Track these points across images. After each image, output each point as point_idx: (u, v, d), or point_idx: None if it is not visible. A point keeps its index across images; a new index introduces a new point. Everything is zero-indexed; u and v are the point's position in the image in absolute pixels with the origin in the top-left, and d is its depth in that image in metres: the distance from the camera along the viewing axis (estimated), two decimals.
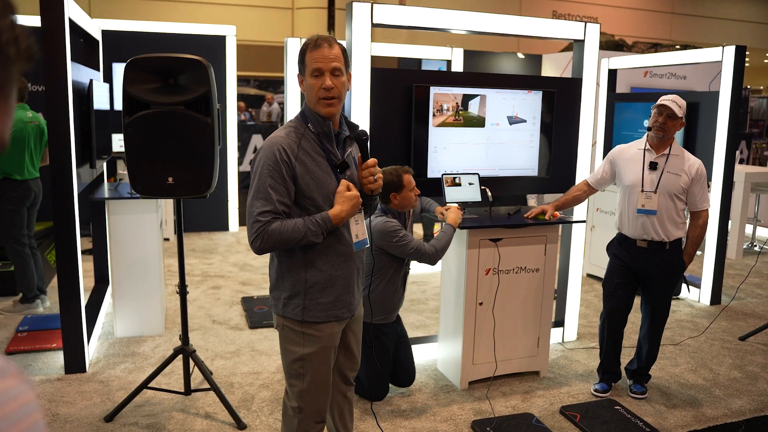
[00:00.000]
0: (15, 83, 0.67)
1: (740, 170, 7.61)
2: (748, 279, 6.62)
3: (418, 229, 8.36)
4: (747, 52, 5.86)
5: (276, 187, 2.23)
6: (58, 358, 4.23)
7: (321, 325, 2.39)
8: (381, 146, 3.91)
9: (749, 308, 5.87)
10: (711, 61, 5.92)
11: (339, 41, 2.42)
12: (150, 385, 3.65)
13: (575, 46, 4.60)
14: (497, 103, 4.13)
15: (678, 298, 6.10)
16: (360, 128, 2.44)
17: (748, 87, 12.83)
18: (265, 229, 2.22)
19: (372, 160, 2.39)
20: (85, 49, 5.57)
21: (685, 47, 11.69)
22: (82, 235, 4.21)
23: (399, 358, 3.85)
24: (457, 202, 3.87)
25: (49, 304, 5.31)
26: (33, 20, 4.40)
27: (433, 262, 3.59)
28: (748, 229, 8.62)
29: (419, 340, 4.47)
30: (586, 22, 4.54)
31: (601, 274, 4.28)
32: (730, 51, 5.64)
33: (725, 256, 6.06)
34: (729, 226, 6.26)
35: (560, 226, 4.64)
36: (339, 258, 2.39)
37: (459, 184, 3.92)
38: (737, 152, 9.63)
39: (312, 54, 2.26)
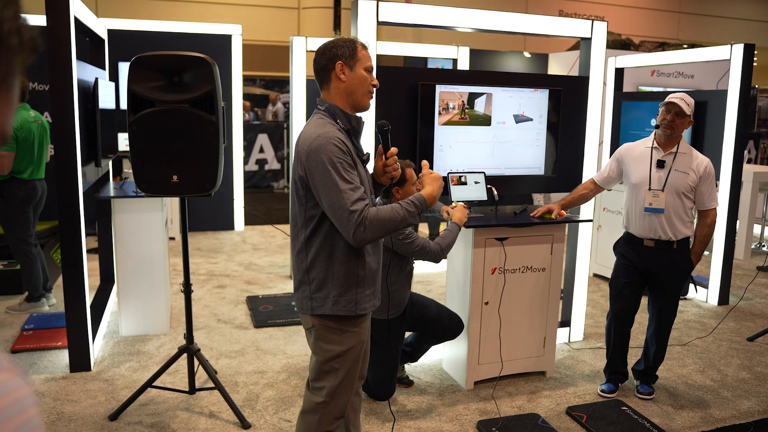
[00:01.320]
0: (18, 75, 0.66)
1: (748, 170, 7.56)
2: (756, 279, 6.58)
3: (423, 228, 8.35)
4: (755, 51, 5.81)
5: (354, 176, 2.27)
6: (63, 357, 4.23)
7: (359, 319, 2.43)
8: (376, 140, 3.88)
9: (757, 309, 5.83)
10: (719, 59, 5.88)
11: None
12: (154, 383, 3.64)
13: (582, 45, 4.58)
14: (503, 101, 4.11)
15: (686, 299, 6.06)
16: (382, 120, 2.52)
17: (757, 86, 12.76)
18: (365, 217, 2.21)
19: (394, 149, 2.49)
20: (91, 48, 5.57)
21: (692, 46, 11.64)
22: (87, 234, 4.21)
23: (428, 320, 3.81)
24: (462, 201, 3.85)
25: (55, 302, 5.32)
26: (39, 19, 4.41)
27: (437, 260, 3.57)
28: (757, 229, 8.57)
29: None
30: (593, 20, 4.51)
31: (608, 273, 4.25)
32: (738, 50, 5.60)
33: (733, 256, 6.01)
34: (737, 226, 6.22)
35: (567, 225, 4.62)
36: (377, 249, 2.48)
37: (465, 183, 3.90)
38: (745, 152, 9.58)
39: (365, 52, 2.43)
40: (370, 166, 2.65)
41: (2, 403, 0.54)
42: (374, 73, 2.46)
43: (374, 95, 2.53)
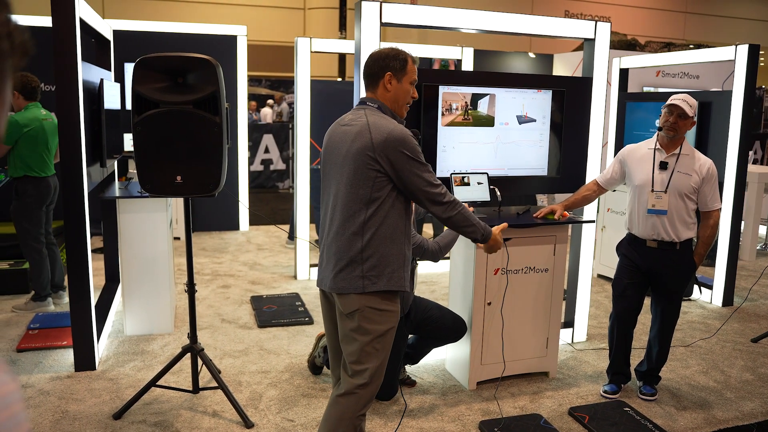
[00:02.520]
0: (9, 78, 0.67)
1: (753, 171, 7.54)
2: (760, 280, 6.56)
3: (428, 229, 8.36)
4: (761, 52, 5.80)
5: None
6: (68, 356, 4.25)
7: (398, 298, 2.62)
8: None
9: (762, 310, 5.82)
10: (724, 60, 5.87)
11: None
12: (158, 383, 3.66)
13: (586, 46, 4.58)
14: (506, 102, 4.12)
15: (690, 300, 6.05)
16: (412, 128, 2.83)
17: (762, 87, 12.71)
18: (458, 201, 2.61)
19: None
20: (97, 49, 5.60)
21: (699, 46, 11.60)
22: (92, 234, 4.23)
23: (431, 323, 3.81)
24: (465, 202, 3.85)
25: (67, 300, 5.34)
26: (44, 20, 4.43)
27: (435, 259, 3.60)
28: (762, 230, 8.55)
29: None
30: (596, 21, 4.51)
31: (612, 274, 4.25)
32: (743, 50, 5.59)
33: (738, 258, 6.00)
34: (742, 227, 6.20)
35: (570, 226, 4.62)
36: (410, 238, 2.70)
37: (468, 184, 3.90)
38: (750, 152, 9.54)
39: (414, 67, 2.68)
40: None
41: None
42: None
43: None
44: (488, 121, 4.09)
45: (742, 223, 6.21)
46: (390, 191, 2.51)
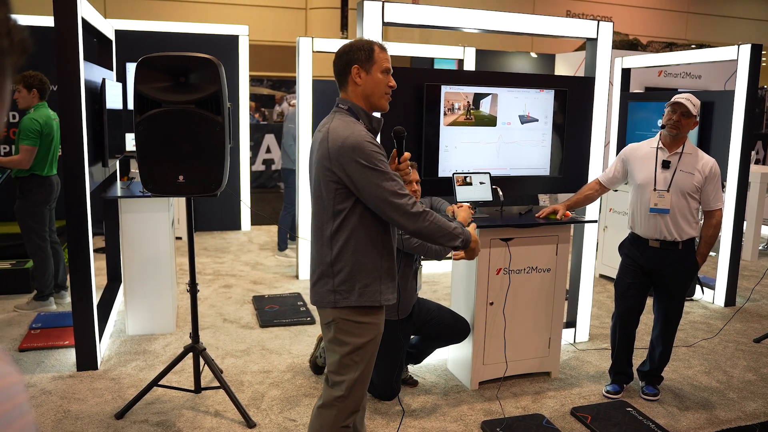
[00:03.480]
0: (9, 76, 0.67)
1: (756, 170, 7.53)
2: (763, 280, 6.54)
3: None
4: (763, 51, 5.79)
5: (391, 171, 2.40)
6: (70, 356, 4.25)
7: (379, 311, 2.50)
8: (385, 144, 3.89)
9: (764, 310, 5.81)
10: (726, 60, 5.86)
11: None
12: (160, 382, 3.66)
13: (588, 45, 4.57)
14: (509, 102, 4.11)
15: (692, 300, 6.04)
16: (398, 126, 2.62)
17: (765, 86, 12.70)
18: (426, 210, 2.40)
19: (407, 154, 2.63)
20: (99, 48, 5.60)
21: (701, 46, 11.59)
22: (94, 234, 4.23)
23: (434, 324, 3.81)
24: (467, 202, 3.85)
25: (69, 300, 5.35)
26: (46, 20, 4.44)
27: (438, 258, 3.60)
28: (764, 230, 8.53)
29: None
30: (598, 21, 4.51)
31: (614, 274, 4.25)
32: (745, 50, 5.58)
33: (740, 258, 5.99)
34: (744, 227, 6.19)
35: (572, 226, 4.61)
36: (393, 247, 2.56)
37: (470, 184, 3.90)
38: (753, 152, 9.53)
39: (383, 54, 2.48)
40: None
41: None
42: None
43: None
44: (490, 121, 4.09)
45: (744, 223, 6.19)
46: (355, 203, 2.37)
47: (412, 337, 3.95)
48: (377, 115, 2.61)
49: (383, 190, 2.32)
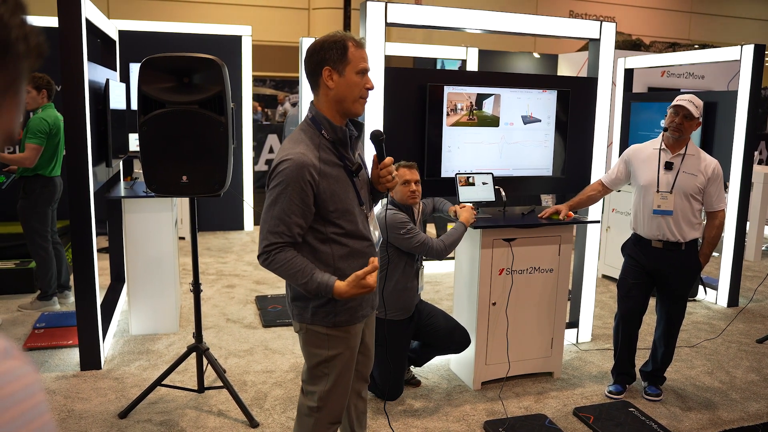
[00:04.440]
0: (25, 80, 0.68)
1: (759, 171, 7.52)
2: (766, 281, 6.54)
3: (431, 229, 8.35)
4: (766, 52, 5.79)
5: (297, 211, 2.18)
6: (74, 355, 4.27)
7: (348, 327, 2.36)
8: (395, 146, 3.90)
9: (767, 311, 5.80)
10: (729, 60, 5.86)
11: None
12: (164, 382, 3.68)
13: (591, 46, 4.57)
14: (511, 102, 4.12)
15: (695, 300, 6.04)
16: (375, 129, 2.44)
17: None
18: (275, 255, 2.19)
19: (389, 159, 2.39)
20: (102, 49, 5.62)
21: (704, 46, 11.58)
22: (98, 234, 4.25)
23: (434, 331, 3.80)
24: (470, 202, 3.86)
25: (73, 300, 5.37)
26: (50, 21, 4.45)
27: (440, 258, 3.60)
28: (767, 231, 8.52)
29: None
30: (601, 21, 4.51)
31: (617, 275, 4.25)
32: (748, 50, 5.58)
33: (743, 258, 5.99)
34: (747, 228, 6.19)
35: (575, 226, 4.62)
36: (363, 258, 2.35)
37: (473, 184, 3.91)
38: (756, 153, 9.53)
39: (358, 52, 2.23)
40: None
41: (13, 388, 0.57)
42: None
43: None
44: (493, 122, 4.10)
45: (747, 223, 6.19)
46: None
47: (412, 341, 3.95)
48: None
49: (263, 220, 2.22)
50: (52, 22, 3.87)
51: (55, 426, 0.61)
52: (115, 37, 5.75)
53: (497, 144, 4.14)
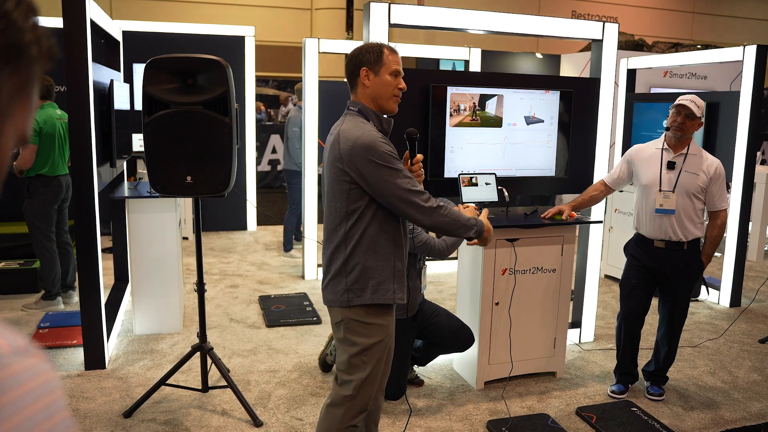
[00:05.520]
0: (37, 82, 0.69)
1: (761, 171, 7.53)
2: None
3: None
4: None
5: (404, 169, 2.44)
6: (78, 355, 4.29)
7: (389, 311, 2.53)
8: (397, 146, 3.91)
9: None
10: (732, 60, 5.86)
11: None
12: (168, 381, 3.69)
13: (593, 46, 4.58)
14: (514, 103, 4.13)
15: (697, 300, 6.04)
16: (411, 128, 2.70)
17: None
18: (442, 205, 2.45)
19: (420, 156, 2.69)
20: (106, 50, 5.64)
21: (707, 47, 11.57)
22: (102, 234, 4.27)
23: (437, 330, 3.82)
24: (473, 202, 3.87)
25: (77, 299, 5.39)
26: (55, 22, 4.47)
27: (442, 257, 3.62)
28: None
29: None
30: (604, 22, 4.52)
31: (619, 275, 4.26)
32: (751, 50, 5.59)
33: (745, 258, 5.99)
34: (749, 228, 6.19)
35: (578, 226, 4.63)
36: (405, 248, 2.59)
37: (476, 184, 3.92)
38: (758, 153, 9.52)
39: (393, 56, 2.50)
40: None
41: (32, 385, 0.58)
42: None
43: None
44: (496, 122, 4.11)
45: (750, 223, 6.19)
46: (368, 202, 2.42)
47: (416, 341, 3.97)
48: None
49: (398, 187, 2.37)
50: (57, 23, 3.89)
51: (73, 422, 0.63)
52: (119, 37, 5.77)
53: (500, 144, 4.15)
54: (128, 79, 6.81)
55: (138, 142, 5.78)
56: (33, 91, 0.69)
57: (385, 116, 2.56)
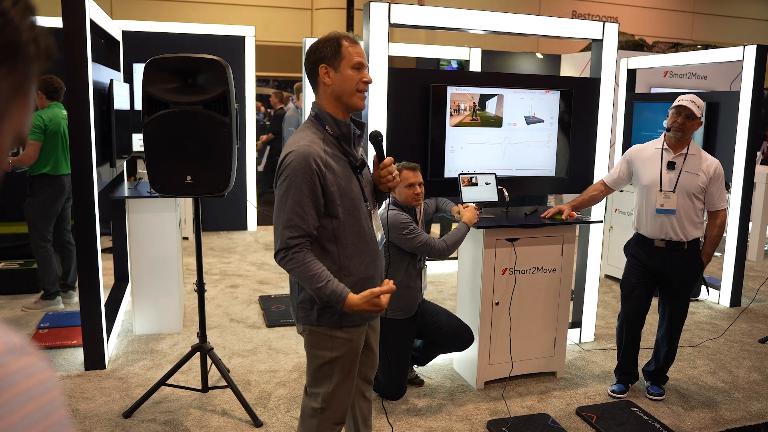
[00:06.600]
0: (34, 82, 0.69)
1: (761, 171, 7.52)
2: None
3: (435, 229, 8.36)
4: None
5: (309, 203, 2.20)
6: (78, 355, 4.28)
7: (352, 327, 2.37)
8: (398, 146, 3.91)
9: None
10: (732, 60, 5.86)
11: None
12: (168, 382, 3.69)
13: (593, 46, 4.58)
14: (514, 102, 4.13)
15: (697, 300, 6.04)
16: (374, 129, 2.47)
17: None
18: (294, 254, 2.20)
19: (389, 159, 2.43)
20: (106, 49, 5.64)
21: (707, 47, 11.57)
22: (102, 234, 4.27)
23: (437, 330, 3.81)
24: (473, 202, 3.87)
25: (77, 299, 5.38)
26: (55, 21, 4.47)
27: (442, 257, 3.62)
28: None
29: None
30: (604, 22, 4.52)
31: (620, 275, 4.26)
32: (751, 51, 5.59)
33: (745, 258, 5.99)
34: (749, 228, 6.19)
35: (578, 226, 4.63)
36: (368, 258, 2.38)
37: (476, 184, 3.92)
38: (758, 153, 9.51)
39: (352, 47, 2.28)
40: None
41: (28, 384, 0.58)
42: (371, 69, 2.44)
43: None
44: (496, 122, 4.11)
45: (750, 223, 6.19)
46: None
47: (416, 341, 3.97)
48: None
49: (278, 213, 2.24)
50: (57, 22, 3.89)
51: (70, 422, 0.62)
52: (119, 37, 5.76)
53: (500, 144, 4.15)
54: (128, 79, 6.82)
55: (138, 142, 5.78)
56: (31, 91, 0.69)
57: (346, 121, 2.34)
